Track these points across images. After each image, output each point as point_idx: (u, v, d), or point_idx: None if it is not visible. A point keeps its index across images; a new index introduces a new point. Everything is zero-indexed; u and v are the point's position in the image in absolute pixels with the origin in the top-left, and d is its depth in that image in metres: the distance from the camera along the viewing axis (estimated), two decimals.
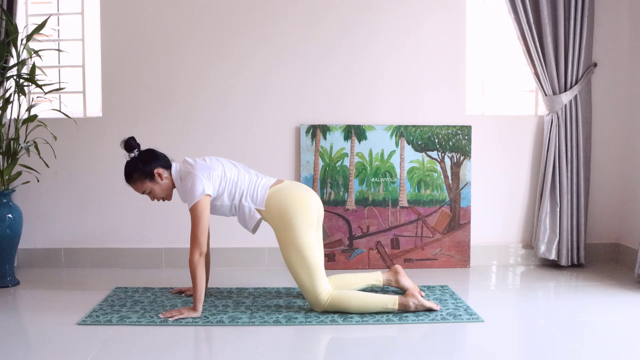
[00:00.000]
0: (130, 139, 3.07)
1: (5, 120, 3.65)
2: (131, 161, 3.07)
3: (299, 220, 3.01)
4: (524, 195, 4.11)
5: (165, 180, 3.08)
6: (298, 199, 3.06)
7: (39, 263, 3.98)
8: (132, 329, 2.85)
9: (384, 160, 3.98)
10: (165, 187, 3.10)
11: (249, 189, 3.08)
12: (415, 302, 3.03)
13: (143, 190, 3.09)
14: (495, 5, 4.09)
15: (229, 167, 3.11)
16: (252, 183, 3.11)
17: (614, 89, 4.07)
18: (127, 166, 3.08)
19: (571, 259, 3.97)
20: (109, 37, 3.93)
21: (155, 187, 3.08)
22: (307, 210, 3.04)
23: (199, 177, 2.98)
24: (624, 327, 2.92)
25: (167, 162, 3.11)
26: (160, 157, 3.11)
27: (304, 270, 2.99)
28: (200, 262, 2.96)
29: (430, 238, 4.01)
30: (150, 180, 3.06)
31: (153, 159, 3.07)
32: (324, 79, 3.98)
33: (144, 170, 3.04)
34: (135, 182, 3.07)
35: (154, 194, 3.10)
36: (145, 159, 3.06)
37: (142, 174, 3.05)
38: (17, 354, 2.59)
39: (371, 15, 3.96)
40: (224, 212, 3.15)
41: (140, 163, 3.05)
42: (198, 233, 2.96)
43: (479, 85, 4.14)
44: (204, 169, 3.02)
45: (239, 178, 3.09)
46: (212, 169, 3.03)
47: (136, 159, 3.07)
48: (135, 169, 3.05)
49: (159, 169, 3.06)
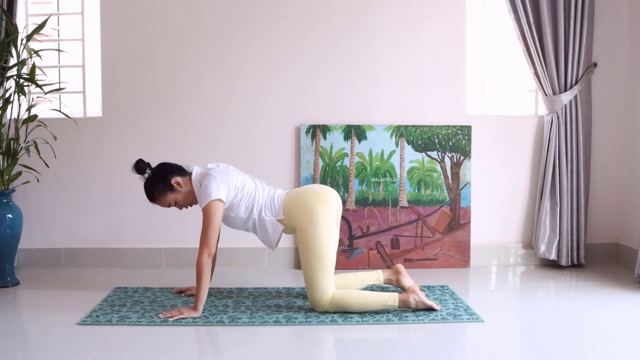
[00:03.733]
0: (139, 161, 3.08)
1: (5, 120, 3.65)
2: (148, 181, 3.09)
3: (321, 220, 3.02)
4: (523, 195, 4.11)
5: (185, 187, 3.09)
6: (316, 193, 3.09)
7: (39, 263, 3.98)
8: (132, 329, 2.85)
9: (384, 160, 3.98)
10: (187, 194, 3.10)
11: (266, 202, 3.09)
12: (415, 298, 3.03)
13: (168, 203, 3.10)
14: (495, 5, 4.09)
15: (248, 180, 3.12)
16: (270, 196, 3.11)
17: (614, 89, 4.07)
18: (145, 186, 3.10)
19: (571, 259, 3.97)
20: (109, 37, 3.93)
21: (178, 197, 3.09)
22: (328, 208, 3.06)
23: (216, 180, 2.99)
24: (624, 327, 2.92)
25: (182, 170, 3.12)
26: (174, 168, 3.12)
27: (319, 268, 3.00)
28: (207, 263, 2.96)
29: (430, 238, 4.01)
30: (172, 192, 3.07)
31: (168, 172, 3.09)
32: (324, 79, 3.98)
33: (163, 186, 3.06)
34: (158, 198, 3.09)
35: (179, 203, 3.12)
36: (160, 175, 3.08)
37: (162, 190, 3.06)
38: (17, 354, 2.59)
39: (371, 16, 3.96)
40: (236, 225, 3.15)
41: (156, 180, 3.07)
42: (209, 234, 2.96)
43: (479, 85, 4.14)
44: (222, 174, 3.03)
45: (256, 192, 3.09)
46: (231, 177, 3.04)
47: (151, 177, 3.08)
48: (154, 187, 3.07)
49: (176, 178, 3.07)
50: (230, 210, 3.07)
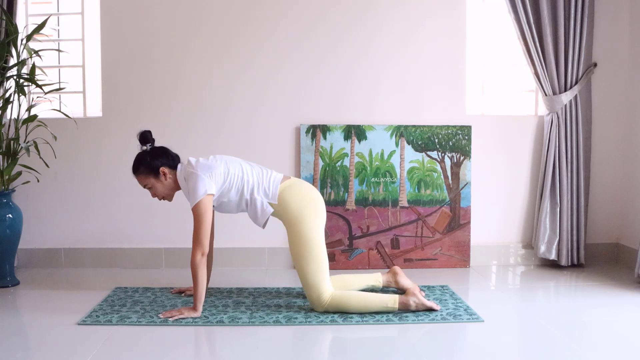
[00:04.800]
0: (147, 132, 3.12)
1: (5, 120, 3.65)
2: (142, 153, 3.11)
3: (312, 217, 3.04)
4: (523, 195, 4.11)
5: (169, 180, 3.10)
6: (311, 196, 3.10)
7: (39, 263, 3.98)
8: (132, 329, 2.85)
9: (384, 160, 3.98)
10: (167, 186, 3.11)
11: (260, 183, 3.09)
12: (415, 300, 3.03)
13: (145, 184, 3.12)
14: (495, 5, 4.09)
15: (232, 163, 3.10)
16: (263, 177, 3.11)
17: (614, 89, 4.07)
18: (136, 157, 3.12)
19: (571, 259, 3.97)
20: (109, 37, 3.93)
21: (158, 185, 3.10)
22: (318, 208, 3.09)
23: (201, 177, 2.98)
24: (624, 327, 2.92)
25: (174, 163, 3.13)
26: (170, 156, 3.13)
27: (312, 266, 3.00)
28: (202, 262, 2.96)
29: (430, 238, 4.01)
30: (155, 177, 3.09)
31: (162, 156, 3.10)
32: (324, 79, 3.98)
33: (151, 165, 3.07)
34: (140, 174, 3.10)
35: (155, 190, 3.12)
36: (154, 154, 3.09)
37: (147, 168, 3.08)
38: (17, 354, 2.59)
39: (371, 15, 3.96)
40: (231, 209, 3.15)
41: (149, 157, 3.08)
42: (200, 233, 2.96)
43: (479, 85, 4.14)
44: (205, 168, 3.02)
45: (244, 173, 3.08)
46: (214, 168, 3.04)
47: (147, 152, 3.10)
48: (142, 162, 3.09)
49: (165, 168, 3.08)
50: (223, 196, 3.07)
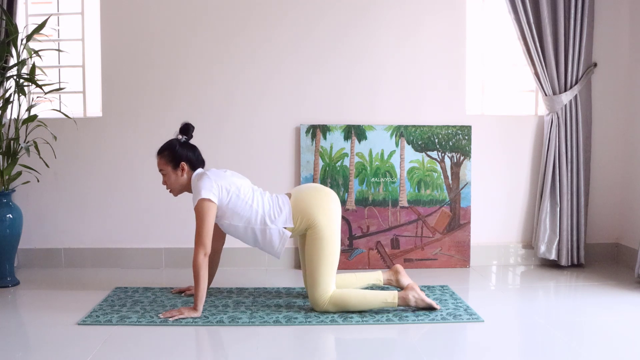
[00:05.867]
0: (191, 125, 3.17)
1: (5, 120, 3.65)
2: (175, 140, 3.15)
3: (327, 218, 3.04)
4: (523, 195, 4.11)
5: (184, 176, 3.12)
6: (320, 197, 3.10)
7: (39, 263, 3.98)
8: (132, 329, 2.85)
9: (384, 160, 3.98)
10: (180, 182, 3.13)
11: (271, 211, 3.06)
12: (415, 295, 3.03)
13: (162, 169, 3.14)
14: (495, 5, 4.09)
15: (245, 188, 3.08)
16: (274, 204, 3.08)
17: (614, 89, 4.07)
18: (168, 141, 3.16)
19: (571, 259, 3.97)
20: (109, 37, 3.93)
21: (172, 175, 3.12)
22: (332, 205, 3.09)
23: (209, 179, 3.00)
24: (624, 327, 2.92)
25: (196, 165, 3.14)
26: (197, 158, 3.15)
27: (326, 265, 3.01)
28: (204, 262, 2.95)
29: (430, 238, 4.01)
30: (173, 167, 3.11)
31: (189, 152, 3.13)
32: (324, 79, 3.98)
33: (174, 155, 3.10)
34: (163, 158, 3.13)
35: (167, 179, 3.14)
36: (185, 146, 3.13)
37: (171, 155, 3.11)
38: (17, 354, 2.59)
39: (371, 16, 3.96)
40: (234, 233, 3.11)
41: (179, 148, 3.11)
42: (202, 233, 2.95)
43: (479, 85, 4.14)
44: (216, 175, 3.05)
45: (254, 201, 3.05)
46: (224, 179, 3.04)
47: (179, 143, 3.13)
48: (170, 147, 3.12)
49: (185, 165, 3.10)
50: (224, 217, 3.05)
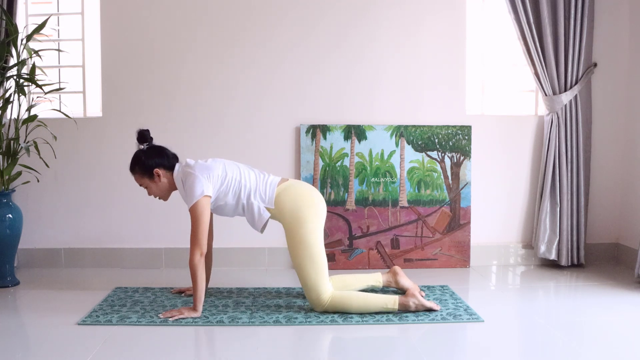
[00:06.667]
0: (145, 130, 3.12)
1: (5, 120, 3.65)
2: (138, 152, 3.11)
3: (311, 218, 3.04)
4: (524, 195, 4.11)
5: (163, 181, 3.09)
6: (309, 197, 3.09)
7: (39, 263, 3.98)
8: (132, 329, 2.85)
9: (384, 160, 3.98)
10: (162, 187, 3.11)
11: (257, 187, 3.08)
12: (415, 302, 3.03)
13: (140, 183, 3.13)
14: (495, 5, 4.09)
15: (230, 167, 3.11)
16: (260, 181, 3.10)
17: (614, 89, 4.07)
18: (133, 156, 3.12)
19: (571, 259, 3.97)
20: (109, 37, 3.93)
21: (152, 185, 3.11)
22: (317, 208, 3.08)
23: (199, 178, 2.98)
24: (624, 327, 2.92)
25: (171, 164, 3.11)
26: (167, 156, 3.11)
27: (312, 267, 3.00)
28: (200, 262, 2.96)
29: (430, 238, 4.01)
30: (149, 178, 3.09)
31: (158, 157, 3.09)
32: (324, 79, 3.98)
33: (144, 166, 3.07)
34: (136, 173, 3.11)
35: (150, 190, 3.13)
36: (149, 154, 3.09)
37: (142, 169, 3.08)
38: (17, 354, 2.59)
39: (371, 16, 3.96)
40: (227, 213, 3.15)
41: (144, 157, 3.08)
42: (198, 233, 2.96)
43: (479, 85, 4.14)
44: (203, 169, 3.02)
45: (241, 177, 3.08)
46: (212, 170, 3.04)
47: (143, 151, 3.10)
48: (137, 162, 3.09)
49: (159, 170, 3.07)
50: (219, 199, 3.07)
